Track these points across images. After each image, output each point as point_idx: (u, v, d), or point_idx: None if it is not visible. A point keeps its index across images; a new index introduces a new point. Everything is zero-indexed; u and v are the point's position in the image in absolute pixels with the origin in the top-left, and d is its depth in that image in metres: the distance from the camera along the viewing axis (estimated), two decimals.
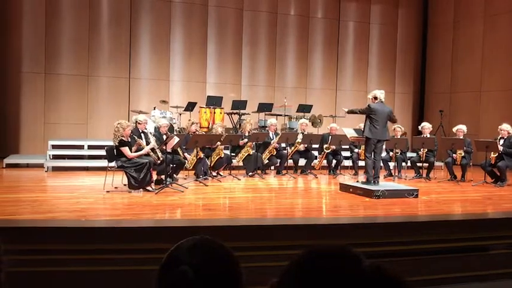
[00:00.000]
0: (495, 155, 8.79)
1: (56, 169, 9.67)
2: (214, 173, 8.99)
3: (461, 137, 9.42)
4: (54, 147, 10.33)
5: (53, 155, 10.06)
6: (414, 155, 10.17)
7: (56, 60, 11.36)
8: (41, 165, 9.74)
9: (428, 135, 9.86)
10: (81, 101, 11.58)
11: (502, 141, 8.82)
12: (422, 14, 14.50)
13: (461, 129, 9.54)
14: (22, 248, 4.18)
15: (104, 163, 8.05)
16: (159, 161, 7.54)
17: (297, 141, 9.85)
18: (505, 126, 8.92)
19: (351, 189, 7.51)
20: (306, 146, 9.91)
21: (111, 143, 7.55)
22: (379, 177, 7.84)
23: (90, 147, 10.55)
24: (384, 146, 9.63)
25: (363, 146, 8.70)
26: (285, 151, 9.85)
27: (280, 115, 11.85)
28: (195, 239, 1.16)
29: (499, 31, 12.39)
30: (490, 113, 12.34)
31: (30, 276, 4.08)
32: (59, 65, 11.39)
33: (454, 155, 9.38)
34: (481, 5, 12.81)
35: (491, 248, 5.06)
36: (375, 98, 7.69)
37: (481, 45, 12.80)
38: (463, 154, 9.28)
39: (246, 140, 9.56)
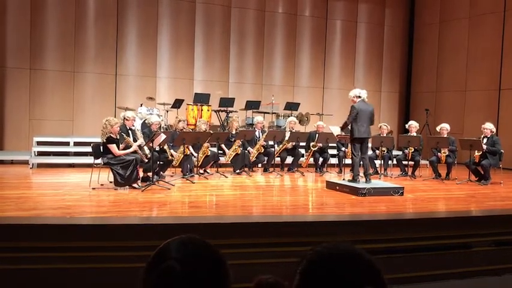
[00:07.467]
0: (479, 154, 8.90)
1: (41, 166, 9.57)
2: (201, 171, 8.98)
3: (445, 136, 9.53)
4: (39, 143, 10.21)
5: (38, 152, 9.95)
6: (400, 153, 10.27)
7: (41, 56, 11.21)
8: (25, 162, 9.63)
9: (415, 134, 9.96)
10: (66, 97, 11.45)
11: (485, 140, 8.94)
12: (409, 14, 14.63)
13: (444, 127, 9.63)
14: (6, 245, 4.14)
15: (89, 160, 7.98)
16: (146, 159, 7.51)
17: (285, 139, 9.88)
18: (488, 125, 9.03)
19: (337, 187, 7.56)
20: (293, 144, 9.94)
21: (97, 140, 7.49)
22: (369, 174, 7.87)
23: (75, 143, 10.46)
24: (370, 144, 9.71)
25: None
26: (272, 149, 9.87)
27: (268, 113, 11.87)
28: (183, 237, 1.16)
29: (483, 31, 12.55)
30: (474, 112, 12.50)
31: (14, 273, 4.05)
32: (44, 61, 11.25)
33: (438, 153, 9.49)
34: (466, 6, 12.97)
35: (474, 246, 5.14)
36: (358, 97, 7.69)
37: (466, 45, 12.96)
38: (447, 153, 9.40)
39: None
